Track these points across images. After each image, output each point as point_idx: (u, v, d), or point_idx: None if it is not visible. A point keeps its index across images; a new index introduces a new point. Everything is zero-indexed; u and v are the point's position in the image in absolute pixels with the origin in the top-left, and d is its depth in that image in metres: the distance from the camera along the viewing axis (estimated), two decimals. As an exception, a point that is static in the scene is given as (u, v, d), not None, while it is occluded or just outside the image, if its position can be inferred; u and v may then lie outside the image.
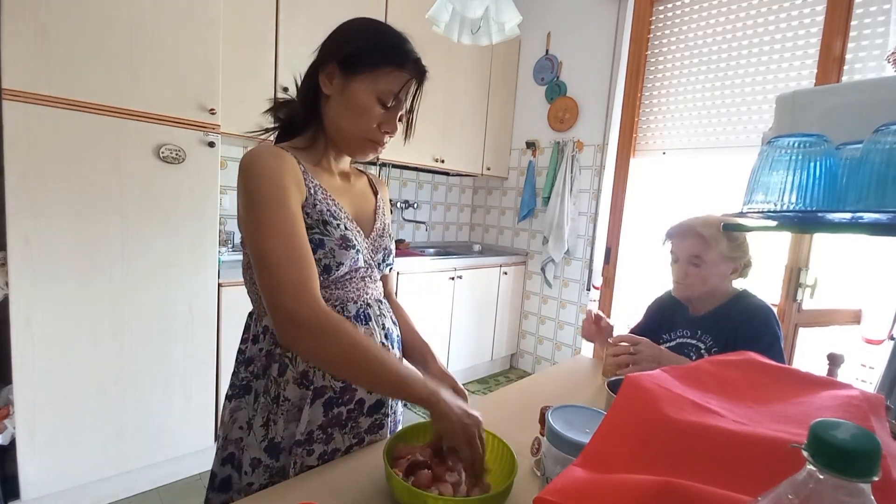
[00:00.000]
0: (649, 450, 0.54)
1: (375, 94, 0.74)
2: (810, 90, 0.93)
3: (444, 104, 2.96)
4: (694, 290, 1.24)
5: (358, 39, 0.76)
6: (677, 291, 1.28)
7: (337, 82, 0.76)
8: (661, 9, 2.63)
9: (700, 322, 1.27)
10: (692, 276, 1.22)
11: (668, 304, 1.37)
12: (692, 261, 1.21)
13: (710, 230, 1.18)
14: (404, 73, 0.75)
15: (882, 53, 1.90)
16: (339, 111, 0.77)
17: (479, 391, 3.04)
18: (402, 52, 0.75)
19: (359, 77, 0.74)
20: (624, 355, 1.12)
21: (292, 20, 2.17)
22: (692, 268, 1.21)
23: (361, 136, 0.77)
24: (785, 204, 0.67)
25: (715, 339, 1.24)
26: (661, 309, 1.39)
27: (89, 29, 1.47)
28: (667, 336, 1.32)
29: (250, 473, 0.76)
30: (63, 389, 1.54)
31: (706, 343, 1.25)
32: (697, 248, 1.20)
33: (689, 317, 1.31)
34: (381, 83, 0.74)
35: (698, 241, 1.19)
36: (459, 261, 2.91)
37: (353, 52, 0.75)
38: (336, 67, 0.75)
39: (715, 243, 1.18)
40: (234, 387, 0.81)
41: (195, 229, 1.75)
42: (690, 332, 1.28)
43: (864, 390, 0.66)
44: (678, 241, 1.24)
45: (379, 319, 0.84)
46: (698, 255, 1.20)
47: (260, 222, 0.68)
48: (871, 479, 0.29)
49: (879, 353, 1.80)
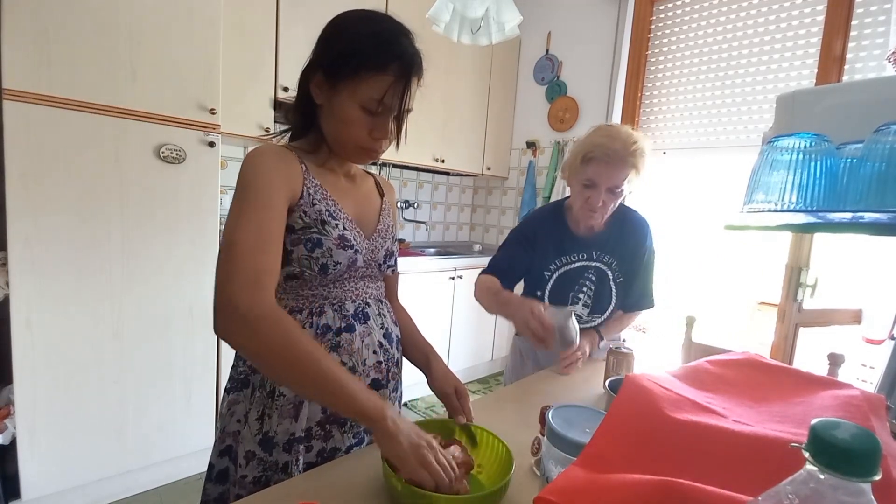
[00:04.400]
0: (649, 449, 0.54)
1: (358, 103, 0.71)
2: (811, 90, 0.93)
3: (444, 104, 2.96)
4: (605, 218, 1.19)
5: (337, 43, 0.72)
6: (588, 220, 1.19)
7: (325, 91, 0.74)
8: (661, 9, 2.63)
9: (592, 243, 1.25)
10: (607, 204, 1.14)
11: (548, 227, 1.28)
12: (612, 190, 1.13)
13: (635, 158, 1.10)
14: (387, 76, 0.70)
15: (882, 53, 1.90)
16: (329, 122, 0.76)
17: (479, 391, 3.04)
18: (381, 54, 0.70)
19: (341, 86, 0.71)
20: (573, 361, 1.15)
21: (292, 20, 2.17)
22: (609, 196, 1.13)
23: (354, 145, 0.76)
24: (785, 203, 0.67)
25: (614, 257, 1.25)
26: (540, 234, 1.27)
27: (89, 29, 1.46)
28: (560, 261, 1.26)
29: (244, 466, 0.76)
30: (63, 389, 1.54)
31: (609, 264, 1.26)
32: (622, 177, 1.11)
33: (576, 238, 1.26)
34: (362, 91, 0.70)
35: (626, 170, 1.10)
36: (459, 261, 2.91)
37: (334, 59, 0.71)
38: (322, 77, 0.73)
39: (637, 172, 1.12)
40: (233, 380, 0.82)
41: (195, 229, 1.75)
42: (586, 255, 1.25)
43: (865, 390, 0.66)
44: (602, 168, 1.11)
45: (378, 319, 0.84)
46: (620, 184, 1.12)
47: (237, 211, 0.68)
48: (871, 478, 0.29)
49: (880, 352, 1.80)
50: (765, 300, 2.50)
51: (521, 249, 1.28)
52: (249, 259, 0.64)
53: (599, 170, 1.12)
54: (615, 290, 1.28)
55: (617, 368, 1.09)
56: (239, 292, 0.62)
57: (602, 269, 1.26)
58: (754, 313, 2.58)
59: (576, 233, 1.27)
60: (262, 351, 0.62)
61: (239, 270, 0.63)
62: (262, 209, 0.68)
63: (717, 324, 2.60)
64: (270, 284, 0.66)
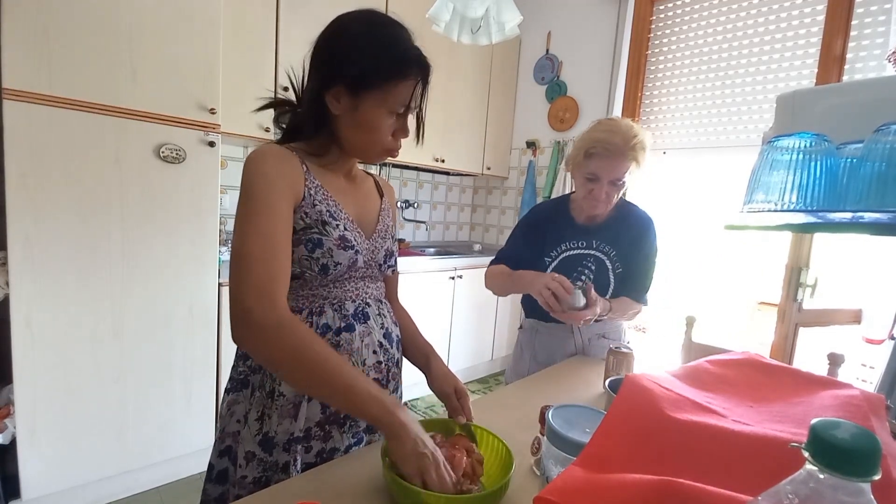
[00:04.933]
0: (649, 449, 0.54)
1: (386, 108, 0.74)
2: (811, 90, 0.93)
3: (444, 104, 2.96)
4: (608, 208, 1.23)
5: (359, 58, 0.72)
6: (593, 209, 1.23)
7: (345, 102, 0.74)
8: (661, 8, 2.63)
9: (593, 232, 1.28)
10: (611, 195, 1.19)
11: (551, 217, 1.34)
12: (614, 183, 1.17)
13: (635, 152, 1.14)
14: (410, 81, 0.73)
15: (882, 53, 1.90)
16: (352, 130, 0.76)
17: (478, 391, 3.04)
18: (407, 60, 0.72)
19: (367, 96, 0.73)
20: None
21: (292, 20, 2.17)
22: (611, 188, 1.18)
23: (379, 148, 0.78)
24: (785, 203, 0.67)
25: (614, 247, 1.27)
26: (543, 224, 1.34)
27: (89, 29, 1.46)
28: (560, 248, 1.30)
29: (244, 466, 0.76)
30: (63, 389, 1.54)
31: (608, 253, 1.28)
32: (623, 170, 1.15)
33: (576, 226, 1.30)
34: (391, 97, 0.73)
35: (626, 163, 1.15)
36: (459, 260, 2.91)
37: (360, 73, 0.71)
38: (343, 89, 0.73)
39: (638, 164, 1.16)
40: (233, 380, 0.82)
41: (195, 229, 1.75)
42: (586, 243, 1.29)
43: (865, 390, 0.66)
44: (603, 162, 1.16)
45: (378, 319, 0.84)
46: (621, 177, 1.16)
47: (244, 219, 0.69)
48: (871, 478, 0.29)
49: (880, 352, 1.80)
50: (765, 300, 2.50)
51: (526, 239, 1.35)
52: (261, 268, 0.66)
53: (601, 164, 1.16)
54: (613, 279, 1.29)
55: (617, 368, 1.09)
56: (253, 303, 0.64)
57: (601, 258, 1.28)
58: (754, 313, 2.58)
59: (577, 222, 1.31)
60: (279, 358, 0.65)
61: (251, 281, 0.66)
62: (268, 216, 0.69)
63: (717, 324, 2.60)
64: (282, 291, 0.68)
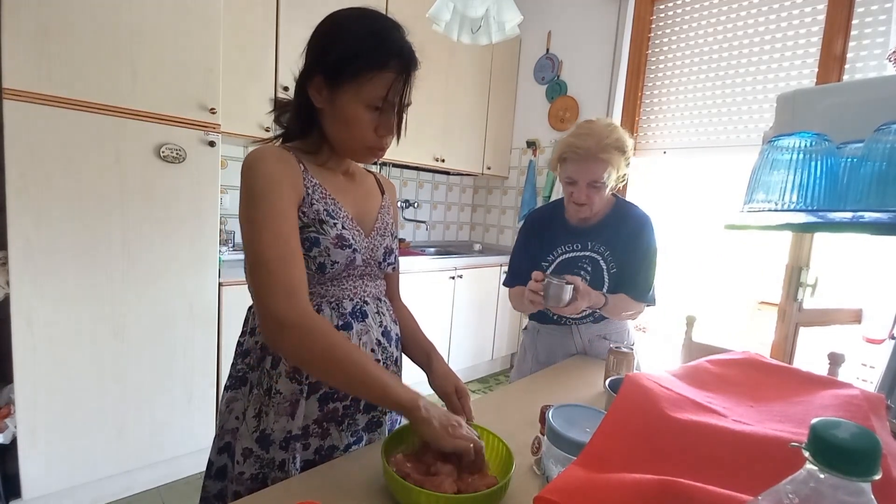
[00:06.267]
0: (649, 449, 0.54)
1: (363, 102, 0.72)
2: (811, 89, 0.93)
3: (444, 104, 2.96)
4: (594, 210, 1.24)
5: (336, 46, 0.72)
6: (578, 213, 1.25)
7: (325, 95, 0.74)
8: (661, 8, 2.63)
9: (588, 233, 1.29)
10: (593, 198, 1.20)
11: (545, 222, 1.36)
12: (593, 185, 1.19)
13: (608, 154, 1.15)
14: (388, 73, 0.71)
15: (883, 52, 1.90)
16: (332, 124, 0.76)
17: (479, 391, 3.04)
18: (381, 52, 0.70)
19: (343, 88, 0.72)
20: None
21: (292, 20, 2.17)
22: (592, 190, 1.20)
23: (360, 145, 0.77)
24: (786, 203, 0.67)
25: (608, 248, 1.28)
26: (540, 230, 1.37)
27: (89, 28, 1.46)
28: (557, 251, 1.32)
29: (242, 463, 0.77)
30: (64, 388, 1.54)
31: (603, 254, 1.29)
32: (599, 172, 1.17)
33: (570, 229, 1.31)
34: (366, 90, 0.71)
35: (600, 165, 1.16)
36: (459, 260, 2.91)
37: (334, 62, 0.71)
38: (322, 80, 0.73)
39: (614, 165, 1.17)
40: (232, 377, 0.83)
41: (196, 228, 1.75)
42: (580, 245, 1.30)
43: (865, 390, 0.66)
44: (577, 166, 1.19)
45: (376, 317, 0.84)
46: (599, 179, 1.17)
47: (255, 223, 0.69)
48: (871, 478, 0.29)
49: (880, 352, 1.80)
50: (765, 300, 2.50)
51: (528, 250, 1.38)
52: (283, 273, 0.68)
53: (575, 168, 1.19)
54: (608, 279, 1.29)
55: (617, 368, 1.09)
56: (281, 308, 0.67)
57: (595, 258, 1.29)
58: (754, 313, 2.58)
59: (571, 224, 1.33)
60: (309, 357, 0.68)
61: (276, 286, 0.67)
62: (280, 220, 0.70)
63: (718, 324, 2.60)
64: (305, 292, 0.70)
